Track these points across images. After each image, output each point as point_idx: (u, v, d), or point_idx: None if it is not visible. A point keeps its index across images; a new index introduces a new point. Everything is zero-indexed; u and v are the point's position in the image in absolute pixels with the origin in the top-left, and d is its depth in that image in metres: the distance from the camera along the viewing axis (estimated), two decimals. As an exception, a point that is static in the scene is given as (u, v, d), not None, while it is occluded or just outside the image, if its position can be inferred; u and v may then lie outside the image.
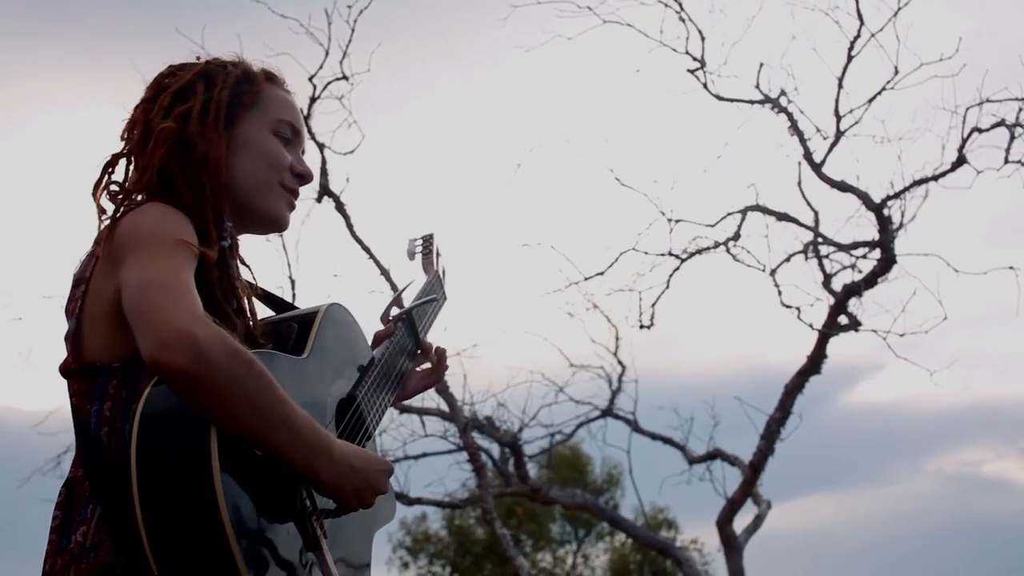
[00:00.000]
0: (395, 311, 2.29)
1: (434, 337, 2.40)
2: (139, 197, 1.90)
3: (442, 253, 2.64)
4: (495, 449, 9.75)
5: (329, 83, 8.22)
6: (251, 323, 1.94)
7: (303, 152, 2.11)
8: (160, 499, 1.57)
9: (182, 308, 1.60)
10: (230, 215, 1.95)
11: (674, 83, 9.20)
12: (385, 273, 8.64)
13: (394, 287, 8.61)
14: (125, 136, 1.97)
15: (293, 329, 1.99)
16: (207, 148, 1.91)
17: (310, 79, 8.15)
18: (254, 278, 2.09)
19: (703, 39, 8.34)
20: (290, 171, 2.04)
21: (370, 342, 2.22)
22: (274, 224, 2.05)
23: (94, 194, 1.91)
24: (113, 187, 1.92)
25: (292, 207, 2.07)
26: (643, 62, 8.85)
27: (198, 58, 2.06)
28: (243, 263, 2.00)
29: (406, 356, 2.25)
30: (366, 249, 8.64)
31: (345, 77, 8.15)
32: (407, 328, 2.27)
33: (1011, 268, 7.78)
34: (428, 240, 2.58)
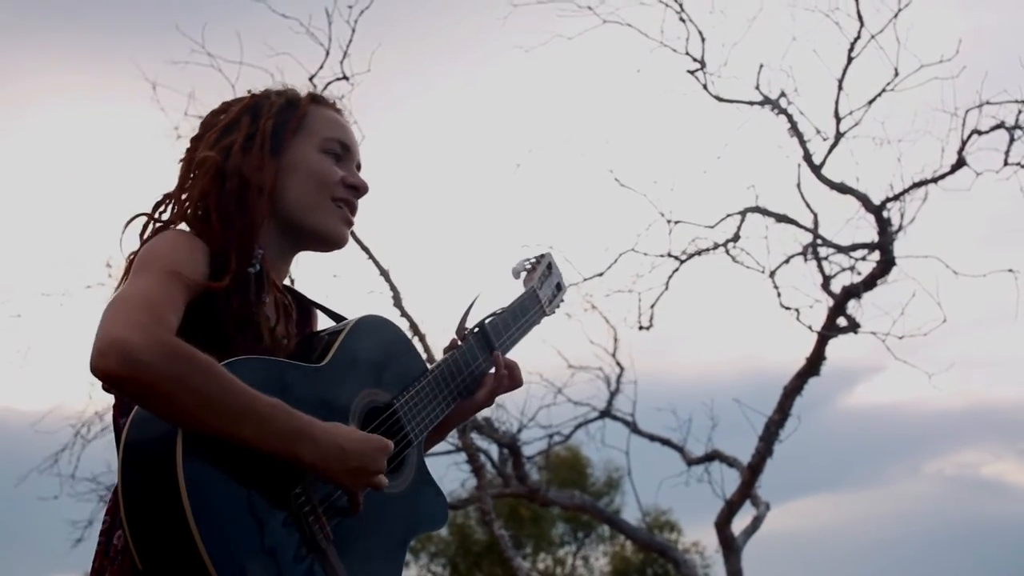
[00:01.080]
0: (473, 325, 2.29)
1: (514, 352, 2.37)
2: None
3: (557, 270, 2.63)
4: (494, 450, 9.76)
5: (329, 83, 8.21)
6: (275, 343, 1.94)
7: (359, 167, 2.17)
8: (138, 502, 1.64)
9: (125, 317, 1.67)
10: (283, 237, 2.04)
11: (674, 84, 9.21)
12: (385, 274, 8.64)
13: (393, 288, 8.62)
14: (179, 174, 2.05)
15: (322, 340, 2.02)
16: (250, 176, 1.98)
17: (310, 79, 8.15)
18: (301, 300, 2.16)
19: (703, 40, 8.35)
20: (342, 184, 2.09)
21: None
22: (329, 240, 2.10)
23: (141, 232, 2.00)
24: (157, 224, 2.01)
25: (348, 221, 2.12)
26: (643, 63, 8.85)
27: (249, 92, 2.13)
28: (278, 288, 2.01)
29: (473, 369, 2.22)
30: (365, 250, 8.64)
31: (345, 77, 8.15)
32: (479, 341, 2.25)
33: (1010, 271, 7.78)
34: (540, 258, 2.58)
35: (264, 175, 1.99)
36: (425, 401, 2.08)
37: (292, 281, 2.23)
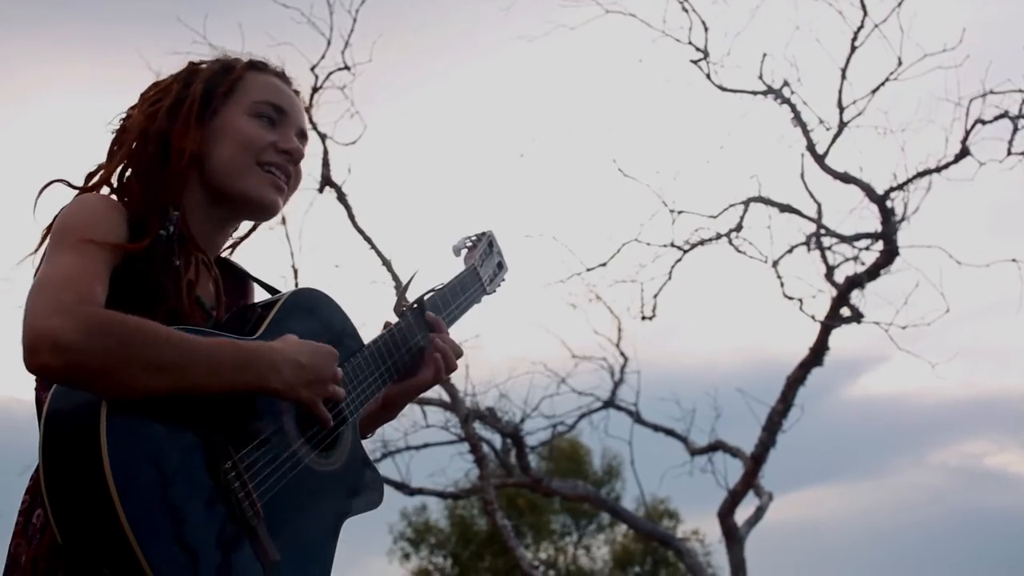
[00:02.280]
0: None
1: (455, 330, 2.33)
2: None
3: (498, 249, 2.59)
4: (497, 440, 9.77)
5: (331, 73, 8.21)
6: (188, 308, 1.88)
7: (302, 134, 2.09)
8: (60, 475, 1.60)
9: (46, 305, 1.62)
10: (215, 206, 1.99)
11: (677, 74, 9.23)
12: (387, 263, 8.64)
13: (396, 277, 8.62)
14: (109, 145, 2.01)
15: (255, 312, 1.97)
16: (172, 140, 1.94)
17: (312, 69, 8.15)
18: (234, 268, 2.12)
19: (706, 29, 8.33)
20: (273, 148, 2.02)
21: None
22: (258, 206, 2.03)
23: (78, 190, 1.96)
24: (77, 188, 1.96)
25: (278, 187, 2.03)
26: (646, 52, 8.86)
27: (189, 62, 2.08)
28: (201, 251, 1.97)
29: (411, 347, 2.17)
30: (368, 239, 8.64)
31: (347, 67, 8.15)
32: (417, 318, 2.21)
33: (1014, 260, 7.79)
34: (480, 237, 2.54)
35: (187, 139, 1.94)
36: (360, 378, 2.03)
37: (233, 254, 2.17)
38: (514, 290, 2.51)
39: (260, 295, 2.15)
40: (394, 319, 2.19)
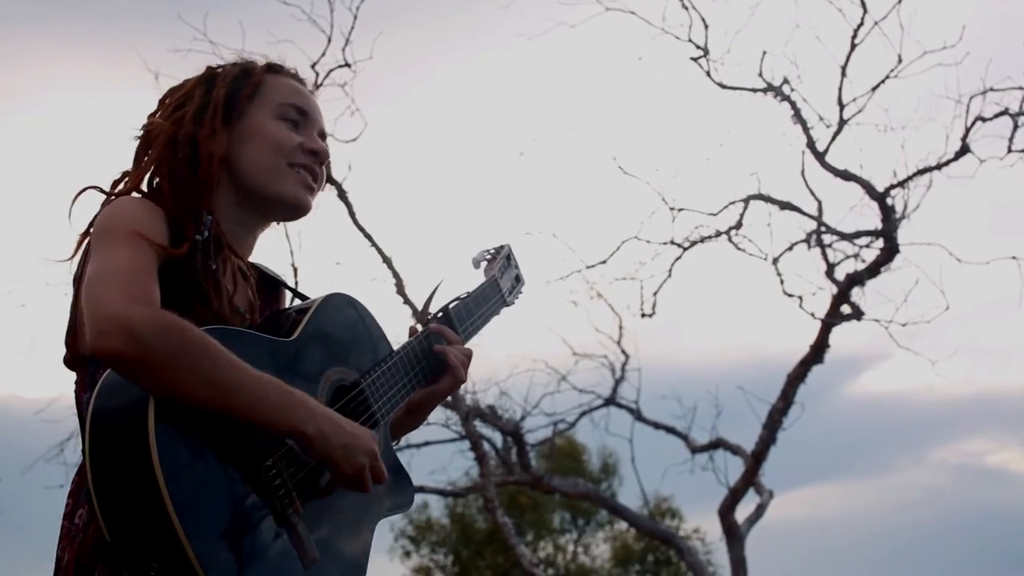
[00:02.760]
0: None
1: (476, 340, 2.38)
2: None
3: (516, 263, 2.63)
4: (497, 438, 9.78)
5: (332, 70, 8.20)
6: (228, 311, 1.92)
7: (322, 135, 2.13)
8: (107, 471, 1.63)
9: (117, 293, 1.66)
10: (244, 208, 2.02)
11: (677, 71, 9.23)
12: (387, 261, 8.64)
13: (396, 275, 8.62)
14: (134, 151, 2.03)
15: (290, 317, 2.00)
16: (201, 144, 1.97)
17: (312, 66, 8.14)
18: (270, 273, 2.15)
19: (706, 27, 8.34)
20: (301, 149, 2.05)
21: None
22: (290, 206, 2.07)
23: (103, 206, 1.97)
24: (107, 194, 1.99)
25: (309, 186, 2.07)
26: (646, 50, 8.88)
27: (207, 67, 2.11)
28: (235, 254, 2.00)
29: (436, 354, 2.20)
30: (368, 237, 8.64)
31: (347, 64, 8.14)
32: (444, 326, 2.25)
33: (1014, 258, 7.79)
34: (499, 249, 2.58)
35: (216, 142, 1.97)
36: (391, 382, 2.07)
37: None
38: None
39: (290, 299, 2.19)
40: (420, 326, 2.23)
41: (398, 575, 25.20)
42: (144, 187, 1.98)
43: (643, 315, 9.09)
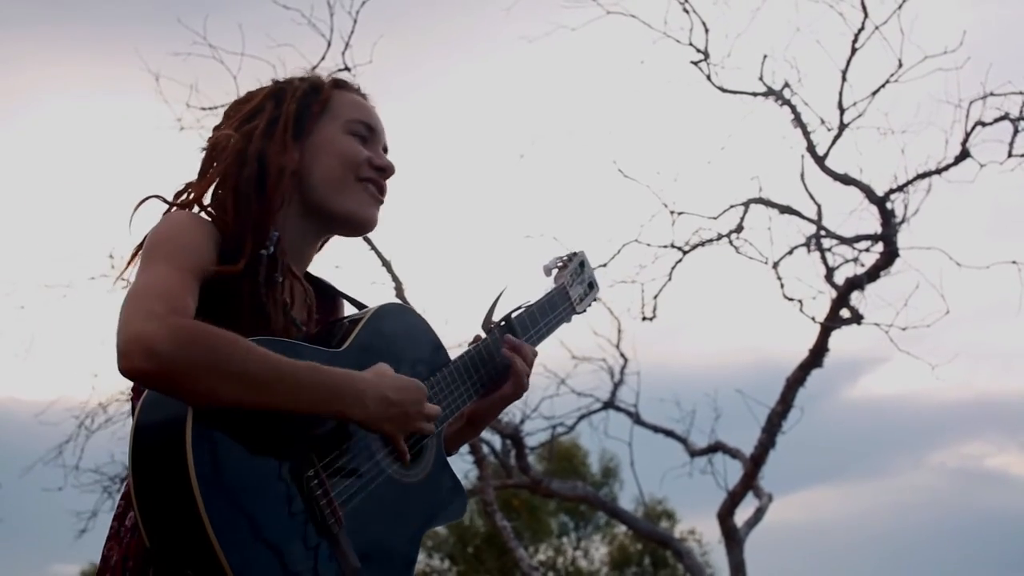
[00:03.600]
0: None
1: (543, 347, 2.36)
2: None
3: (589, 269, 2.61)
4: (496, 441, 9.77)
5: (331, 74, 8.19)
6: (284, 324, 1.93)
7: (386, 149, 2.15)
8: (148, 482, 1.65)
9: (139, 312, 1.67)
10: (309, 221, 2.04)
11: (677, 75, 9.22)
12: (386, 264, 8.64)
13: (395, 278, 8.61)
14: (202, 160, 2.05)
15: (343, 327, 2.01)
16: (271, 159, 1.98)
17: (312, 70, 8.11)
18: (327, 285, 2.16)
19: (707, 30, 8.33)
20: (368, 165, 2.07)
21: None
22: (357, 221, 2.09)
23: (168, 206, 2.00)
24: (170, 205, 2.01)
25: (378, 201, 2.10)
26: (647, 53, 8.83)
27: (272, 80, 2.15)
28: (292, 273, 2.00)
29: (496, 363, 2.19)
30: (367, 240, 8.63)
31: (347, 68, 8.13)
32: (504, 335, 2.23)
33: (1014, 262, 7.78)
34: (571, 257, 2.56)
35: (288, 157, 1.99)
36: (446, 391, 2.06)
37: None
38: (514, 290, 2.52)
39: (348, 309, 2.19)
40: (483, 334, 2.23)
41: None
42: (207, 199, 1.99)
43: (644, 318, 9.09)
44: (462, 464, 9.47)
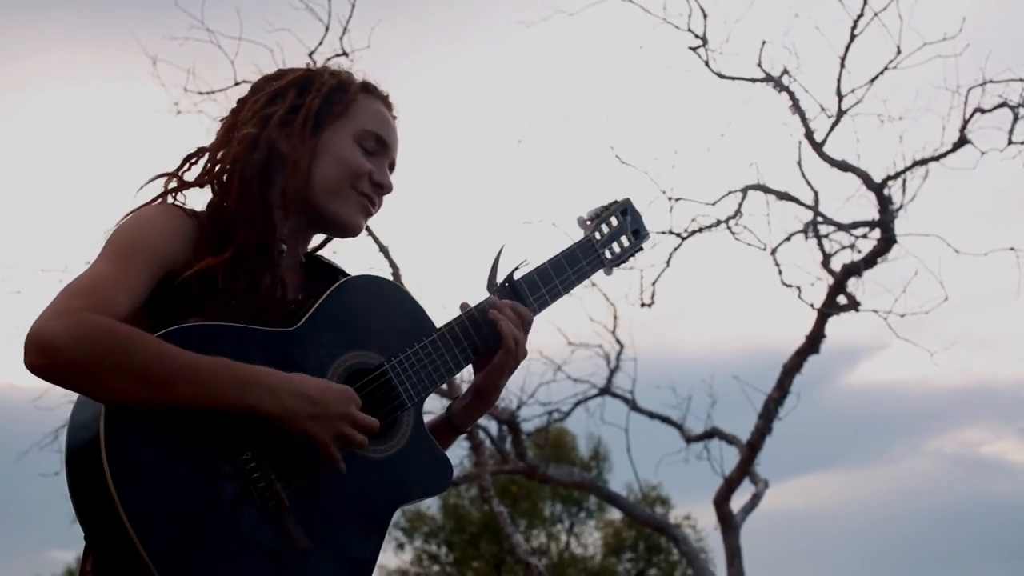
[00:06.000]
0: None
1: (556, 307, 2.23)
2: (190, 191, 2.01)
3: (635, 216, 2.41)
4: (493, 427, 9.77)
5: (329, 59, 8.15)
6: (270, 306, 1.92)
7: (392, 166, 2.15)
8: (79, 495, 1.66)
9: (54, 307, 1.68)
10: (301, 216, 2.04)
11: (676, 61, 9.19)
12: (384, 250, 8.61)
13: (392, 264, 8.59)
14: (218, 132, 2.06)
15: (304, 305, 1.97)
16: (288, 150, 1.99)
17: (310, 55, 8.09)
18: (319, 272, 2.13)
19: (705, 16, 8.29)
20: (368, 179, 2.07)
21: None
22: (344, 228, 2.10)
23: (165, 185, 2.01)
24: (177, 182, 2.01)
25: (368, 212, 2.11)
26: (645, 39, 8.81)
27: (307, 66, 2.14)
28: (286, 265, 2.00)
29: (489, 329, 2.09)
30: (365, 227, 8.60)
31: (345, 53, 8.10)
32: (509, 297, 2.15)
33: (1012, 249, 7.77)
34: (610, 206, 2.39)
35: (301, 152, 2.00)
36: (425, 361, 2.01)
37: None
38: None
39: None
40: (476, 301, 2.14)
41: (393, 567, 25.25)
42: (214, 179, 1.99)
43: (642, 305, 9.08)
44: (457, 450, 9.48)
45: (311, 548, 1.76)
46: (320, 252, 2.19)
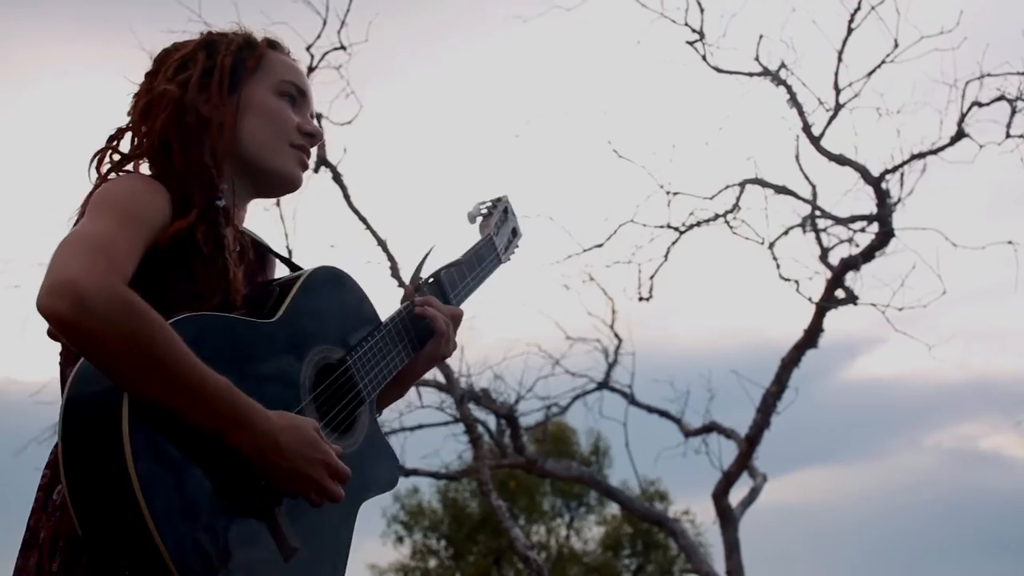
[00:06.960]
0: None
1: (469, 302, 2.34)
2: (134, 164, 1.97)
3: (513, 215, 2.55)
4: (491, 421, 9.77)
5: (327, 53, 8.16)
6: (232, 291, 1.88)
7: (311, 114, 2.15)
8: (80, 466, 1.58)
9: (81, 260, 1.60)
10: (240, 179, 2.01)
11: (673, 55, 9.18)
12: (382, 244, 8.60)
13: (391, 258, 8.59)
14: (130, 109, 2.02)
15: (274, 292, 1.97)
16: (210, 111, 1.96)
17: (307, 49, 8.10)
18: (262, 244, 2.12)
19: (702, 10, 8.28)
20: (298, 130, 2.07)
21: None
22: (287, 182, 2.08)
23: (98, 166, 1.98)
24: (115, 156, 1.98)
25: (304, 165, 2.10)
26: (642, 33, 8.80)
27: (201, 33, 2.10)
28: (236, 228, 1.98)
29: (426, 322, 2.16)
30: (363, 220, 8.60)
31: (343, 47, 8.09)
32: (434, 293, 2.23)
33: (1010, 243, 7.77)
34: (496, 203, 2.52)
35: (224, 111, 1.97)
36: (378, 357, 2.04)
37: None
38: (509, 271, 2.50)
39: (280, 269, 2.16)
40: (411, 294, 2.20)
41: (392, 560, 25.25)
42: (149, 150, 1.96)
43: (640, 299, 9.08)
44: (456, 445, 9.49)
45: (298, 549, 1.76)
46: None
